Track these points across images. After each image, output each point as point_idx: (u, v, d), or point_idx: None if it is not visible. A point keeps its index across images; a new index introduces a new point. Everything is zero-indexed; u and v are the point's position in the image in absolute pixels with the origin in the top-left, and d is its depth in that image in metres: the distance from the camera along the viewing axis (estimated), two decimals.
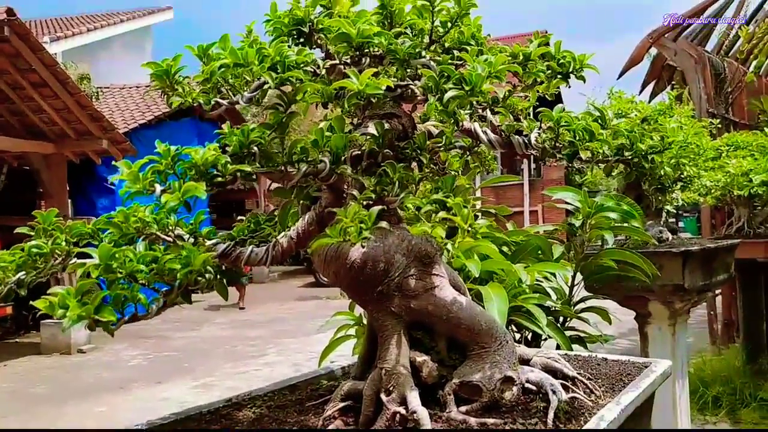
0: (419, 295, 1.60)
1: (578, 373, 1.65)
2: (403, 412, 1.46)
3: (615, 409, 1.46)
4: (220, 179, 1.19)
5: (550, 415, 1.46)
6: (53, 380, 8.43)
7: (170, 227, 1.38)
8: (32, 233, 1.33)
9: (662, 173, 4.82)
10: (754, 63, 8.45)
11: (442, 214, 1.37)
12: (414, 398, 1.47)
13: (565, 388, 1.57)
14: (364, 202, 1.33)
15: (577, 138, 1.31)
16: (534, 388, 1.58)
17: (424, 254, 1.62)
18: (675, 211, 6.36)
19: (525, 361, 1.66)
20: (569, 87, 1.63)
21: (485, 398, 1.52)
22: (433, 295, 1.60)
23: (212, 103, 1.45)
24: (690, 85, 7.83)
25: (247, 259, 1.44)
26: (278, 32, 1.43)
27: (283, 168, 1.28)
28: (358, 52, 1.32)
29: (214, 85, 1.47)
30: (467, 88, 1.22)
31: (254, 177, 1.25)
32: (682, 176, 4.94)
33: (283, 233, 1.44)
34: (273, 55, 1.26)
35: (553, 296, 3.18)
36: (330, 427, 1.51)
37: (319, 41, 1.44)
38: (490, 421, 1.47)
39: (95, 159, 12.01)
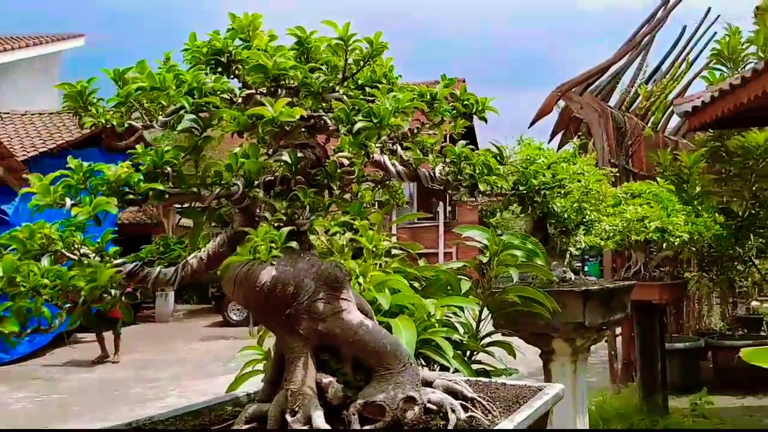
0: (327, 318, 1.66)
1: (478, 396, 1.74)
2: (307, 429, 1.51)
3: (509, 425, 1.55)
4: (131, 197, 1.22)
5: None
6: None
7: (76, 245, 1.39)
8: None
9: (566, 216, 5.10)
10: (652, 119, 9.06)
11: (348, 235, 1.44)
12: (318, 417, 1.52)
13: (465, 408, 1.65)
14: (276, 224, 1.38)
15: (477, 172, 1.43)
16: (435, 408, 1.65)
17: (333, 279, 1.68)
18: (579, 254, 6.67)
19: (428, 383, 1.73)
20: (469, 126, 1.75)
21: (388, 418, 1.57)
22: (340, 318, 1.66)
23: (125, 125, 1.48)
24: (594, 136, 8.31)
25: (155, 279, 1.46)
26: (196, 60, 1.49)
27: (195, 189, 1.32)
28: (274, 83, 1.39)
29: (128, 109, 1.51)
30: (375, 121, 1.31)
31: (167, 197, 1.28)
32: (585, 220, 5.23)
33: (193, 254, 1.47)
34: (190, 80, 1.31)
35: (461, 330, 3.29)
36: None
37: (236, 72, 1.50)
38: None
39: None
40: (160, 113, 1.52)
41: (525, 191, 1.48)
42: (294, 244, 1.41)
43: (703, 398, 6.72)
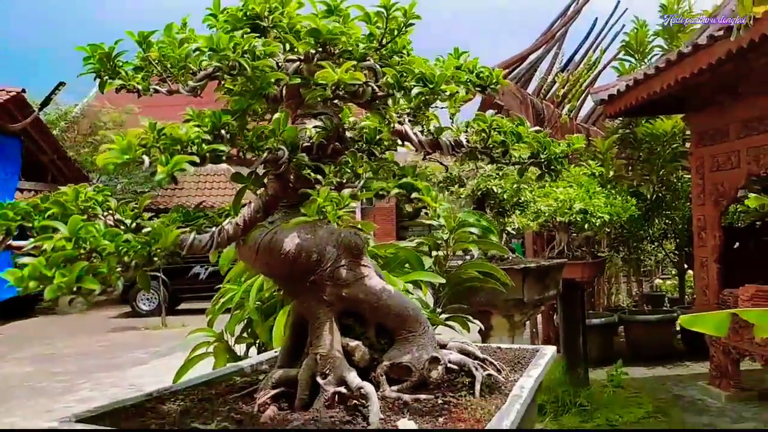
0: (350, 284, 1.69)
1: (488, 356, 1.82)
2: (344, 391, 1.54)
3: (529, 380, 1.65)
4: (195, 157, 1.21)
5: (477, 388, 1.62)
6: None
7: (111, 210, 1.36)
8: None
9: (504, 197, 5.30)
10: (567, 106, 9.48)
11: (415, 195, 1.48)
12: (354, 377, 1.56)
13: (480, 367, 1.74)
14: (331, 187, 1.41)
15: (509, 140, 1.50)
16: (455, 367, 1.73)
17: (353, 246, 1.72)
18: (513, 234, 6.96)
19: (442, 346, 1.80)
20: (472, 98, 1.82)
21: (415, 377, 1.64)
22: (363, 284, 1.70)
23: (150, 89, 1.46)
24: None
25: (189, 245, 1.45)
26: (231, 25, 1.47)
27: (242, 154, 1.32)
28: (321, 49, 1.41)
29: (148, 73, 1.48)
30: (431, 86, 1.36)
31: (223, 158, 1.28)
32: (521, 201, 5.46)
33: (228, 219, 1.47)
34: (243, 44, 1.31)
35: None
36: (266, 413, 1.54)
37: (274, 36, 1.49)
38: (423, 396, 1.59)
39: None
40: (183, 77, 1.51)
41: (544, 159, 1.56)
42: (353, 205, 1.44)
43: (619, 369, 7.14)
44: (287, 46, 1.45)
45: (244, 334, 3.79)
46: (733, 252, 7.22)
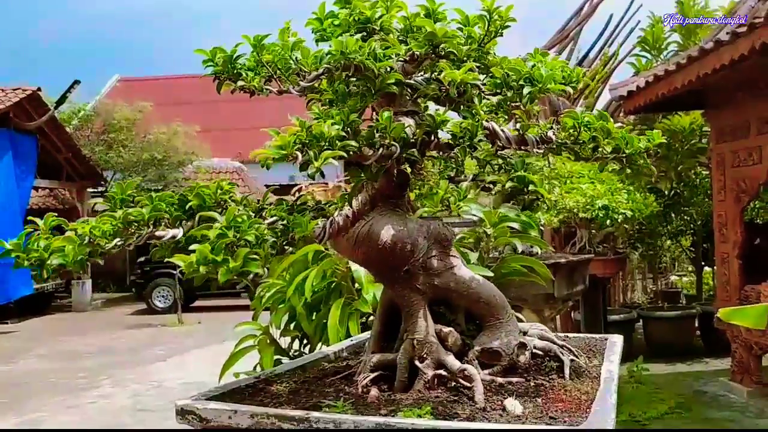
0: (441, 273, 1.79)
1: (566, 344, 1.92)
2: (444, 373, 1.64)
3: (613, 365, 1.75)
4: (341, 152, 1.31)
5: (567, 371, 1.71)
6: None
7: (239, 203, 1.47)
8: (108, 205, 1.35)
9: (538, 195, 5.37)
10: (583, 103, 9.55)
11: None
12: (453, 361, 1.65)
13: (565, 352, 1.83)
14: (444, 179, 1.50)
15: (598, 136, 1.59)
16: (540, 352, 1.82)
17: (443, 237, 1.82)
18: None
19: (523, 333, 1.89)
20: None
21: (504, 362, 1.73)
22: (453, 273, 1.80)
23: (264, 90, 1.56)
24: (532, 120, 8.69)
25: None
26: (343, 29, 1.57)
27: (359, 150, 1.41)
28: (432, 50, 1.50)
29: (260, 74, 1.58)
30: (539, 86, 1.45)
31: (350, 153, 1.36)
32: (550, 197, 5.55)
33: (337, 212, 1.56)
34: (366, 47, 1.40)
35: None
36: (371, 393, 1.63)
37: (380, 38, 1.58)
38: (514, 379, 1.68)
39: None
40: (290, 80, 1.60)
41: (628, 153, 1.65)
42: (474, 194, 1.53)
43: (640, 365, 7.22)
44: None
45: (290, 327, 3.88)
46: (753, 248, 7.29)
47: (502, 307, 1.81)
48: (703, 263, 9.19)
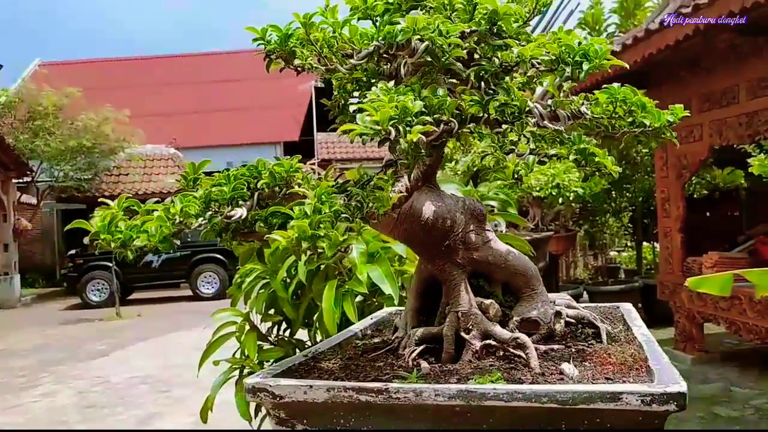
0: (480, 248, 1.84)
1: (589, 313, 2.01)
2: (493, 343, 1.69)
3: (644, 329, 1.85)
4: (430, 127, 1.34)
5: (604, 336, 1.80)
6: None
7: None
8: (182, 184, 1.33)
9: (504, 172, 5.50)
10: None
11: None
12: (502, 330, 1.71)
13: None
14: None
15: (636, 110, 1.66)
16: (573, 321, 1.90)
17: (478, 212, 1.87)
18: None
19: (552, 303, 1.97)
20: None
21: (543, 330, 1.80)
22: (490, 247, 1.85)
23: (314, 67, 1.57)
24: None
25: None
26: (394, 6, 1.58)
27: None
28: (489, 28, 1.53)
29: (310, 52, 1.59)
30: (595, 62, 1.51)
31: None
32: (516, 175, 5.68)
33: (391, 189, 1.58)
34: (432, 23, 1.42)
35: None
36: (423, 365, 1.67)
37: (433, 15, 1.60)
38: (556, 346, 1.76)
39: None
40: (337, 57, 1.61)
41: (655, 128, 1.73)
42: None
43: None
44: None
45: (270, 312, 3.87)
46: (693, 222, 7.69)
47: (537, 278, 1.88)
48: (641, 239, 9.63)
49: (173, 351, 10.27)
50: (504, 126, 1.58)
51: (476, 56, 1.56)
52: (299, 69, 1.59)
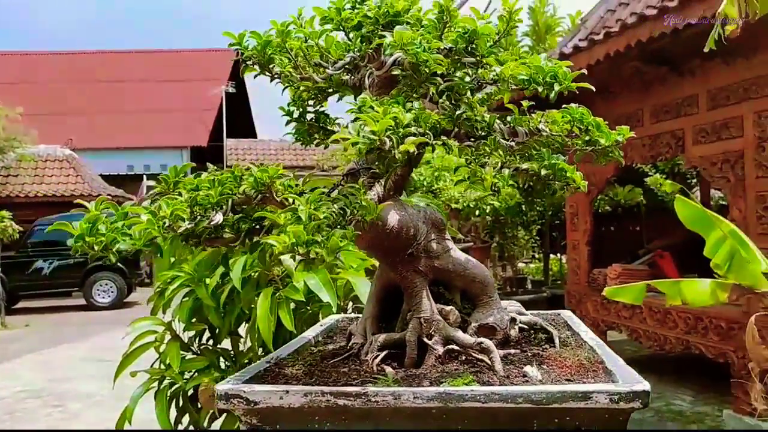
0: (441, 256, 1.90)
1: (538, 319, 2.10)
2: (456, 348, 1.75)
3: (590, 335, 1.96)
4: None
5: (557, 341, 1.89)
6: None
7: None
8: (162, 188, 1.31)
9: (424, 183, 5.63)
10: None
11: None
12: (464, 336, 1.77)
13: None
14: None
15: (592, 130, 1.77)
16: (525, 327, 1.99)
17: (439, 222, 1.93)
18: None
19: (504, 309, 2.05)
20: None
21: (499, 335, 1.87)
22: (450, 255, 1.91)
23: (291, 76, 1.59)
24: None
25: None
26: (372, 23, 1.60)
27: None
28: (466, 45, 1.58)
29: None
30: (565, 84, 1.60)
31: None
32: (433, 188, 5.82)
33: (364, 197, 1.62)
34: (415, 40, 1.46)
35: None
36: (388, 370, 1.70)
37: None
38: (512, 351, 1.84)
39: None
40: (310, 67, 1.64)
41: (603, 147, 1.85)
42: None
43: None
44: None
45: (193, 320, 3.78)
46: (598, 236, 8.10)
47: (492, 286, 1.95)
48: (549, 251, 10.05)
49: (66, 363, 9.75)
50: (472, 140, 1.64)
51: (447, 72, 1.61)
52: (275, 76, 1.59)
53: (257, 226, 1.63)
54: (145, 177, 22.11)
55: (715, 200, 9.95)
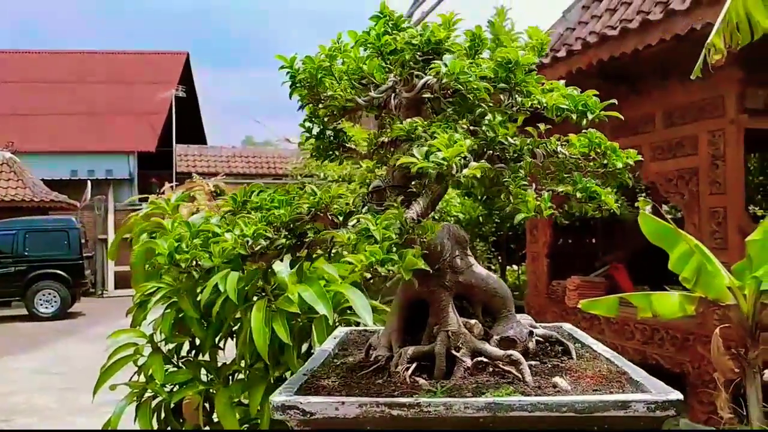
0: (464, 271, 1.99)
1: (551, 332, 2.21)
2: (485, 360, 1.84)
3: (602, 347, 2.07)
4: None
5: (574, 353, 2.00)
6: None
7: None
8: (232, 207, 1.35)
9: None
10: None
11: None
12: (492, 348, 1.86)
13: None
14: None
15: (609, 154, 1.89)
16: (542, 340, 2.09)
17: (462, 239, 2.02)
18: None
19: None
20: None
21: (519, 348, 1.97)
22: (473, 271, 2.01)
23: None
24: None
25: None
26: (412, 50, 1.68)
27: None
28: (506, 73, 1.68)
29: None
30: (596, 114, 1.71)
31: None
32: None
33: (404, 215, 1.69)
34: (462, 66, 1.55)
35: None
36: (421, 382, 1.78)
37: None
38: (533, 363, 1.94)
39: None
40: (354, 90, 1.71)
41: (613, 169, 1.97)
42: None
43: None
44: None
45: (175, 332, 3.77)
46: (557, 248, 8.36)
47: (511, 300, 2.05)
48: (505, 262, 10.27)
49: (10, 376, 9.41)
50: (502, 163, 1.74)
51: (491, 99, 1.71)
52: (319, 98, 1.66)
53: (298, 243, 1.69)
54: (89, 182, 21.56)
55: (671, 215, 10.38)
